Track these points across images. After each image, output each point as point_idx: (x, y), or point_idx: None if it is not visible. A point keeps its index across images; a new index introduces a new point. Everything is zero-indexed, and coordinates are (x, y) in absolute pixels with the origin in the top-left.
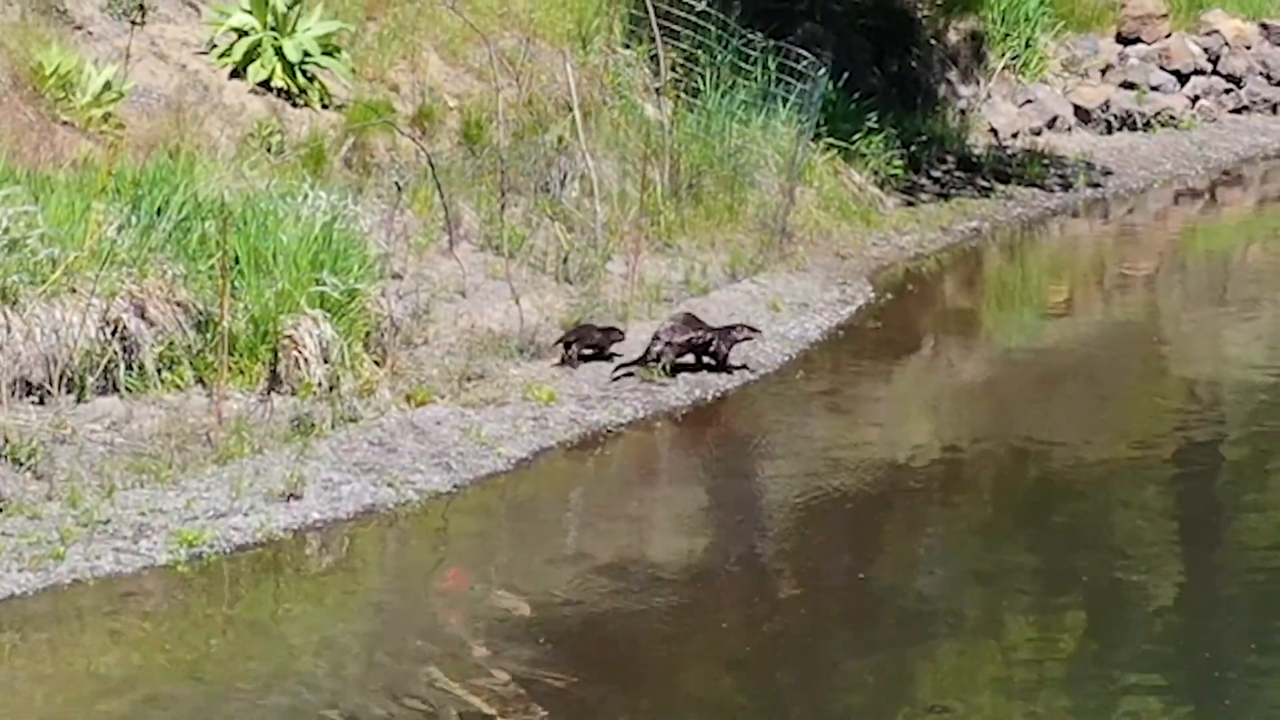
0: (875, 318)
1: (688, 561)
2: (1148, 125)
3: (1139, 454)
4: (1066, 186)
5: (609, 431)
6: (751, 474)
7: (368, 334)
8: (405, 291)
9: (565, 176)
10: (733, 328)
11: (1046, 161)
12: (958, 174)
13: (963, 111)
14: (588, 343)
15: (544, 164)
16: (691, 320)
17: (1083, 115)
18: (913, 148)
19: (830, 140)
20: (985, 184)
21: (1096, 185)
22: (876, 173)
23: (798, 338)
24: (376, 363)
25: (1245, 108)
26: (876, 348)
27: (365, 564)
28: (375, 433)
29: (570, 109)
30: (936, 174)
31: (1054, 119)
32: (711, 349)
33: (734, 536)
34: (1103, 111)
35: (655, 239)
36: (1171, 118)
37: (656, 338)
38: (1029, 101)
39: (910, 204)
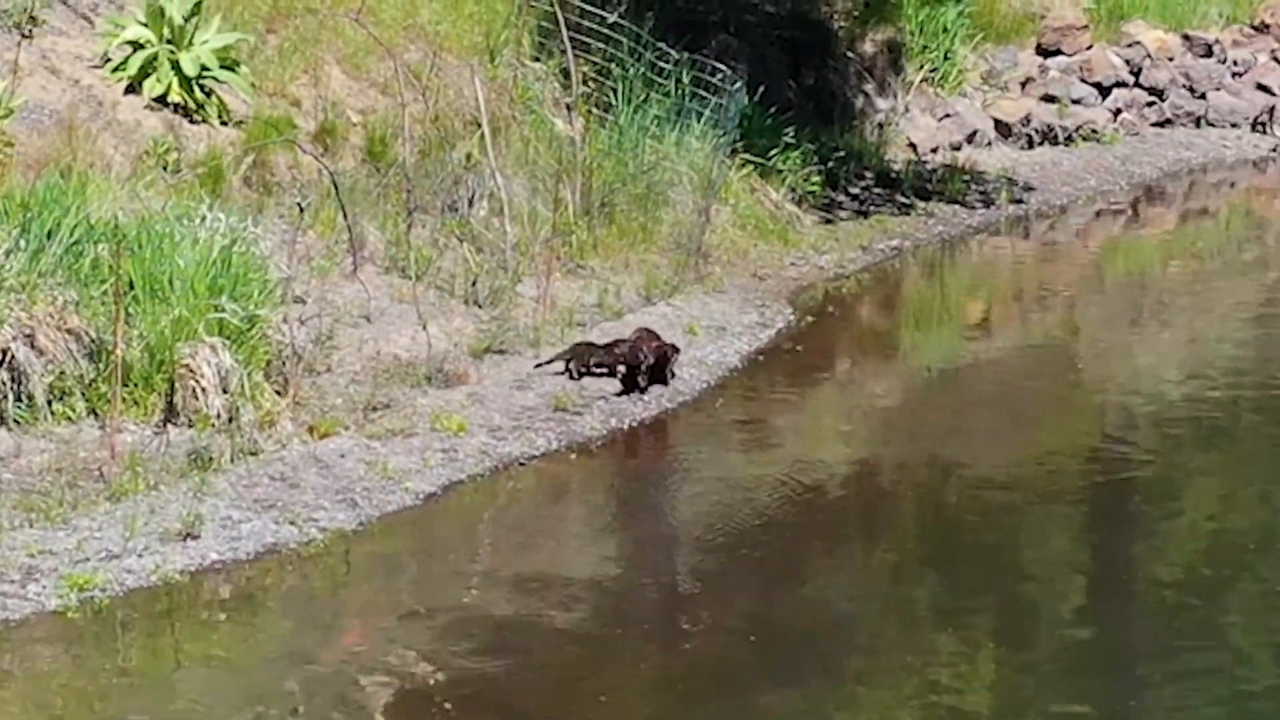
0: (795, 341)
1: (600, 606)
2: (1069, 139)
3: (1053, 476)
4: (988, 203)
5: (521, 464)
6: (668, 509)
7: (268, 362)
8: (308, 317)
9: (474, 195)
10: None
11: (967, 178)
12: (877, 190)
13: (881, 126)
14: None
15: (451, 182)
16: (652, 333)
17: (1003, 129)
18: (830, 164)
19: (746, 156)
20: (905, 201)
21: (1019, 202)
22: (794, 190)
23: (716, 363)
24: (278, 392)
25: (1168, 121)
26: (796, 373)
27: (266, 609)
28: (277, 467)
29: (478, 125)
30: (855, 190)
31: (974, 133)
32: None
33: (648, 576)
34: (1023, 126)
35: (567, 260)
36: (1094, 131)
37: (638, 351)
38: (948, 115)
39: (829, 222)
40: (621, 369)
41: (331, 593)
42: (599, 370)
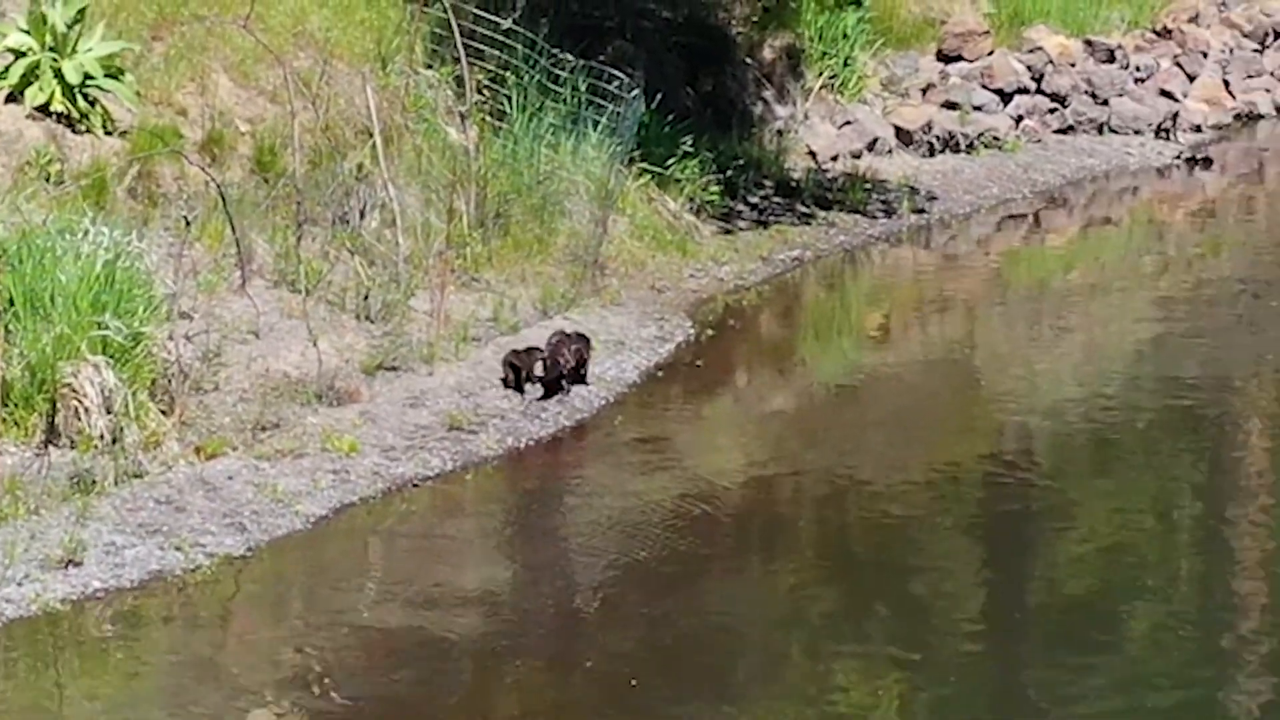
0: (695, 356)
1: (496, 631)
2: (971, 147)
3: (949, 489)
4: (890, 212)
5: (415, 485)
6: (565, 531)
7: (154, 381)
8: (194, 333)
9: (365, 206)
10: None
11: (868, 186)
12: (777, 200)
13: (780, 133)
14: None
15: (342, 193)
16: (572, 335)
17: (904, 137)
18: (729, 172)
19: (644, 166)
20: (806, 210)
21: (921, 211)
22: (692, 199)
23: (614, 379)
24: (163, 412)
25: (1070, 128)
26: (696, 389)
27: (151, 639)
28: (162, 490)
29: (370, 134)
30: (754, 200)
31: (874, 141)
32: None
33: (545, 600)
34: (925, 133)
35: (462, 273)
36: (995, 139)
37: (560, 354)
38: (848, 123)
39: (728, 232)
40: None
41: (218, 622)
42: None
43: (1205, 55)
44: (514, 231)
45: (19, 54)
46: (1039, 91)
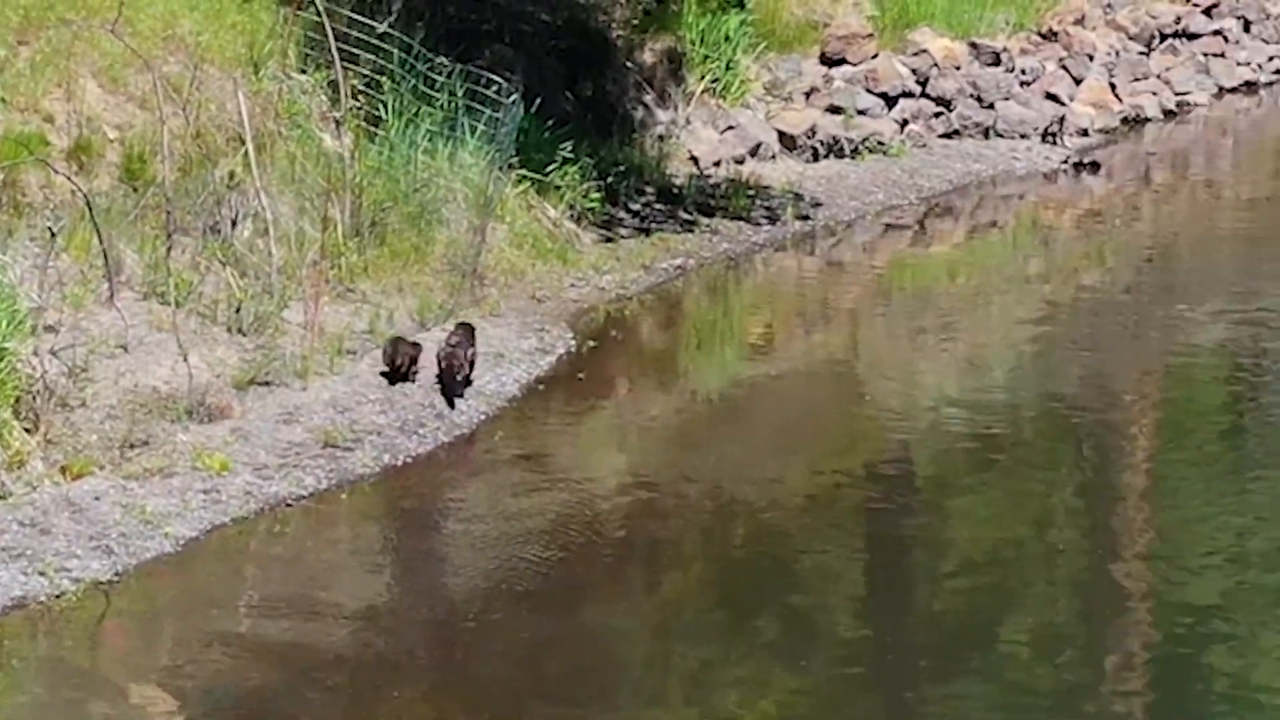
0: (576, 368)
1: (372, 656)
2: (855, 152)
3: (830, 498)
4: (773, 219)
5: (289, 504)
6: (444, 552)
7: (17, 398)
8: (60, 348)
9: (238, 216)
10: None
11: (752, 192)
12: (658, 206)
13: (661, 138)
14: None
15: (214, 202)
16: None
17: (788, 142)
18: (610, 179)
19: (523, 172)
20: (688, 217)
21: (805, 218)
22: (572, 207)
23: (495, 393)
24: (27, 430)
25: (956, 132)
26: (578, 402)
27: (12, 669)
28: (26, 511)
29: (242, 141)
30: (636, 207)
31: (757, 146)
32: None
33: (419, 625)
34: (808, 138)
35: (336, 283)
36: (880, 144)
37: (455, 357)
38: (731, 127)
39: (609, 240)
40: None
41: (84, 650)
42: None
43: (1091, 58)
44: (390, 241)
45: None
46: (924, 95)
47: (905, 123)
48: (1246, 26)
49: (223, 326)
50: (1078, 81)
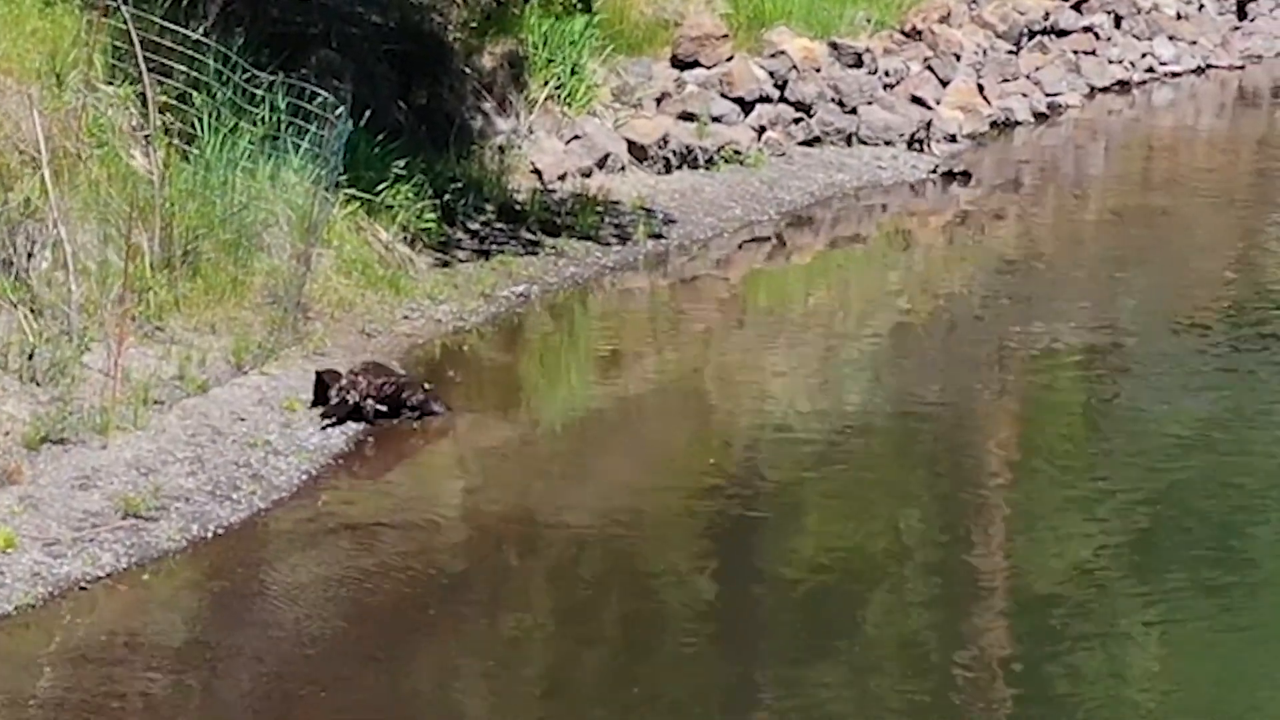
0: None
1: None
2: (711, 162)
3: (678, 511)
4: (624, 239)
5: (84, 587)
6: (256, 647)
7: None
8: None
9: (34, 247)
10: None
11: (600, 209)
12: (499, 226)
13: (502, 150)
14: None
15: (6, 232)
16: (381, 367)
17: (638, 152)
18: (447, 196)
19: (352, 192)
20: (532, 237)
21: (658, 236)
22: (406, 228)
23: (318, 448)
24: None
25: (817, 139)
26: (412, 453)
27: None
28: None
29: (39, 163)
30: (475, 226)
31: (606, 157)
32: (406, 397)
33: None
34: (660, 148)
35: (144, 322)
36: (737, 153)
37: (352, 385)
38: (577, 137)
39: (446, 264)
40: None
41: None
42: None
43: (958, 58)
44: (205, 272)
45: None
46: (783, 100)
47: (763, 129)
48: (1118, 22)
49: (14, 375)
50: (944, 83)
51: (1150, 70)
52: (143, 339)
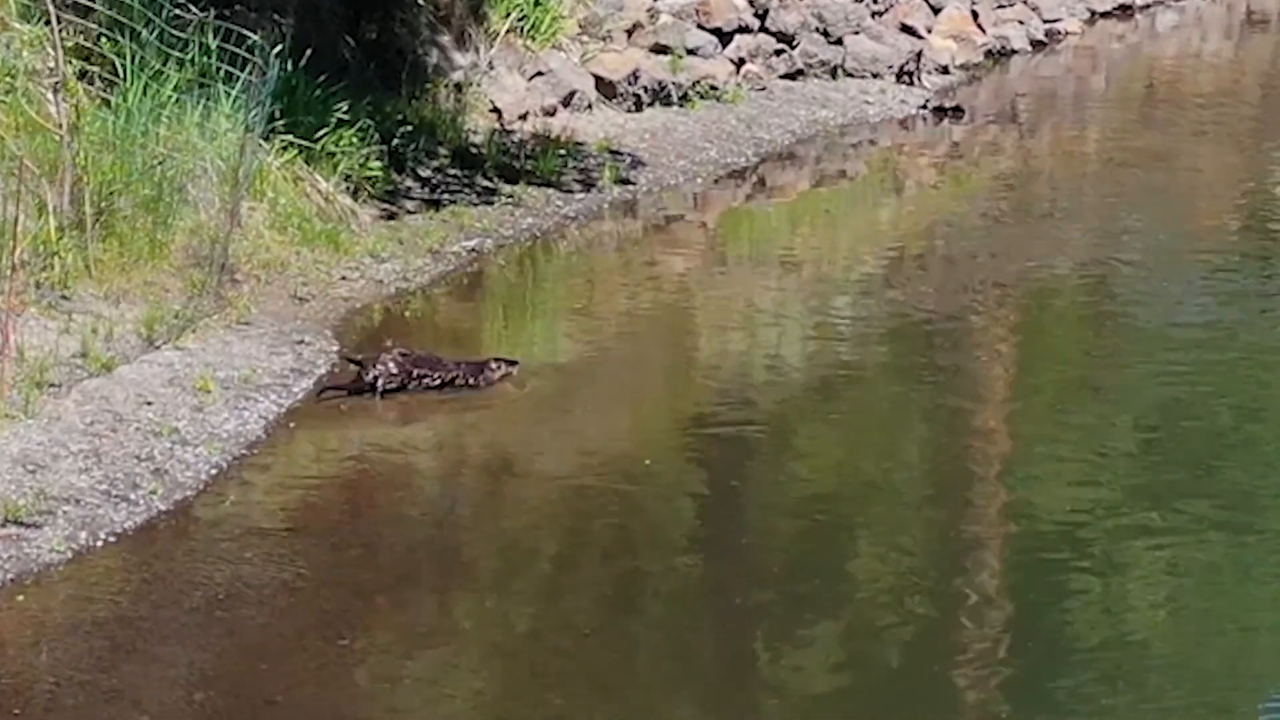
0: (324, 390)
1: None
2: (685, 99)
3: (668, 447)
4: (588, 185)
5: None
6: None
7: None
8: None
9: None
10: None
11: (563, 152)
12: (453, 172)
13: (459, 88)
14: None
15: None
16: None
17: (606, 89)
18: (396, 141)
19: (289, 139)
20: (488, 184)
21: (625, 182)
22: (349, 177)
23: (232, 436)
24: None
25: (799, 72)
26: (338, 445)
27: None
28: None
29: None
30: (426, 173)
31: (571, 94)
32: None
33: None
34: (630, 84)
35: (47, 290)
36: (713, 88)
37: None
38: (540, 74)
39: (391, 216)
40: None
41: None
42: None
43: None
44: (121, 232)
45: None
46: (763, 30)
47: (742, 62)
48: None
49: None
50: (936, 10)
51: None
52: (45, 310)
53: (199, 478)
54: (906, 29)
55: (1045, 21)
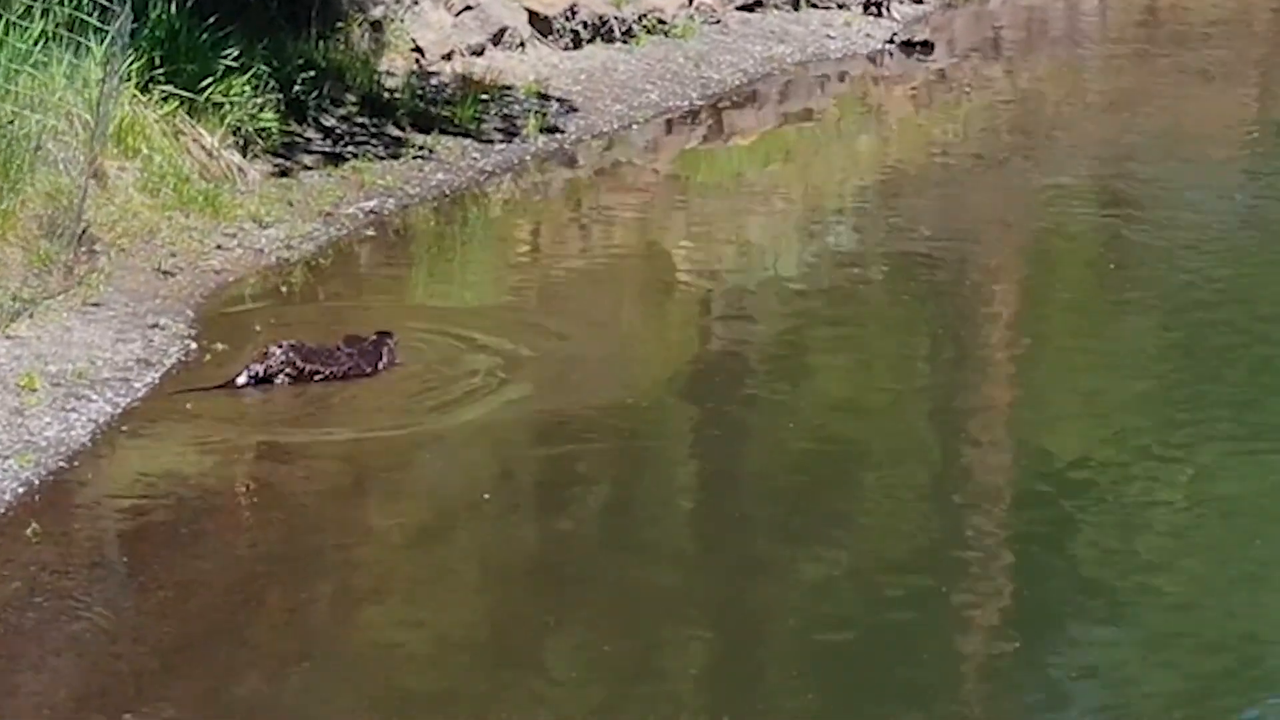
0: (189, 390)
1: None
2: (629, 34)
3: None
4: (511, 134)
5: None
6: None
7: None
8: None
9: None
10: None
11: (486, 96)
12: (360, 122)
13: (376, 26)
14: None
15: None
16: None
17: (541, 25)
18: (297, 87)
19: (169, 89)
20: (399, 134)
21: (553, 130)
22: (238, 130)
23: (52, 445)
24: None
25: (758, 3)
26: (170, 457)
27: None
28: None
29: None
30: (330, 122)
31: (502, 31)
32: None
33: None
34: (568, 19)
35: None
36: (661, 22)
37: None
38: (469, 8)
39: (285, 173)
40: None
41: None
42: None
43: None
44: None
45: None
46: None
47: None
48: None
49: None
50: None
51: None
52: None
53: (2, 498)
54: None
55: None
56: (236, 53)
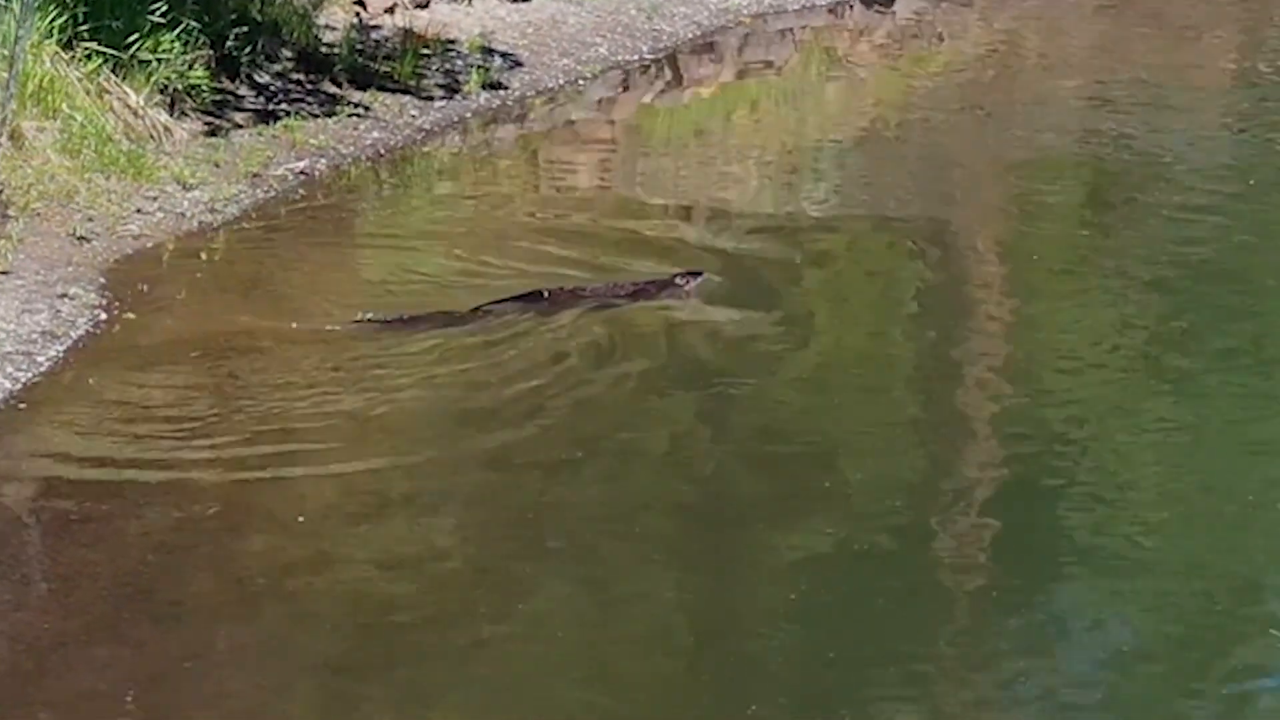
0: (93, 363)
1: None
2: None
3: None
4: (452, 91)
5: None
6: None
7: None
8: None
9: None
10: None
11: (429, 51)
12: (296, 78)
13: None
14: None
15: None
16: None
17: None
18: (230, 42)
19: (94, 45)
20: (335, 92)
21: (496, 86)
22: (165, 88)
23: None
24: None
25: None
26: (71, 438)
27: None
28: None
29: None
30: (264, 79)
31: None
32: None
33: None
34: None
35: None
36: None
37: None
38: None
39: (214, 133)
40: None
41: None
42: None
43: None
44: None
45: None
46: None
47: None
48: None
49: None
50: None
51: None
52: None
53: None
54: None
55: None
56: (165, 7)
